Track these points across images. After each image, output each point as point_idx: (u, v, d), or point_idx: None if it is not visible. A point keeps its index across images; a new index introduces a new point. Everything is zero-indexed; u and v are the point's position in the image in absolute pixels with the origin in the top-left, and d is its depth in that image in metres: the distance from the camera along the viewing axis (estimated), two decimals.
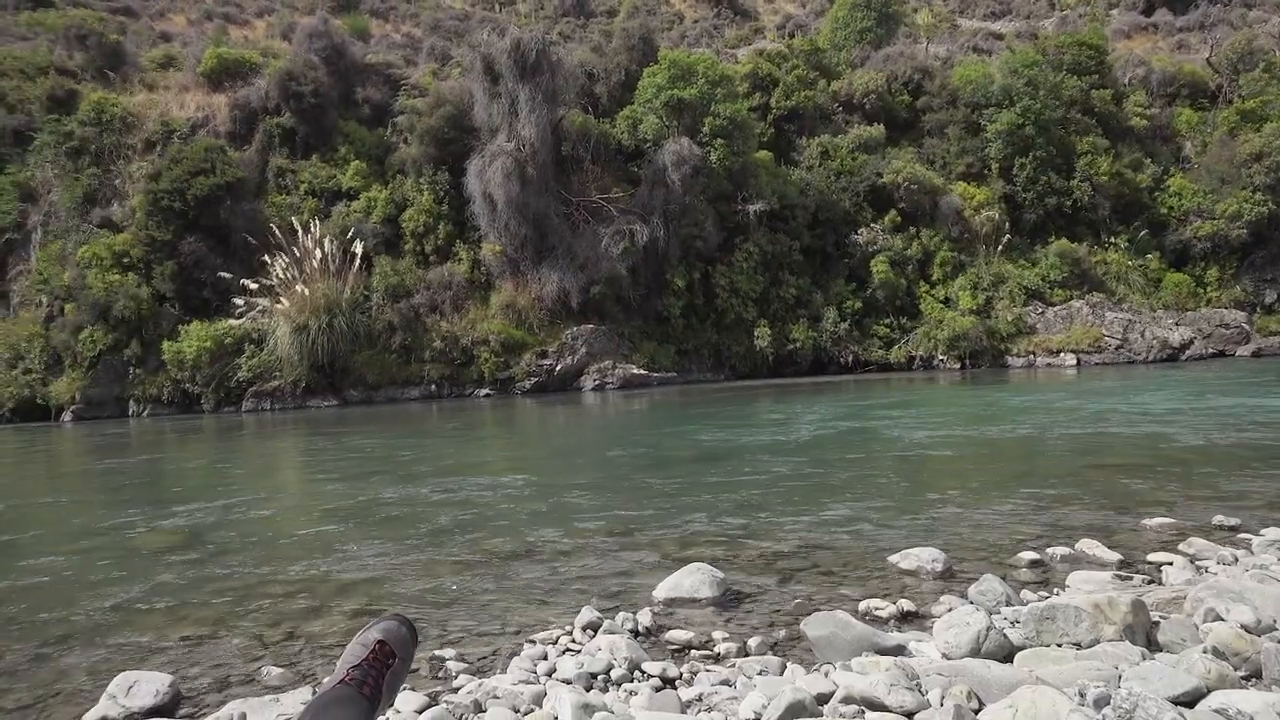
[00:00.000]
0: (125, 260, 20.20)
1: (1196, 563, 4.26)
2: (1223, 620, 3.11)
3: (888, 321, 22.87)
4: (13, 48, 25.73)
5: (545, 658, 3.39)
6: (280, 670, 3.39)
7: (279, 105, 22.43)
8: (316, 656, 3.56)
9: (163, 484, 9.43)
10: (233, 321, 19.71)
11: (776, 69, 25.86)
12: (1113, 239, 24.16)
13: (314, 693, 3.06)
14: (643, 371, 20.81)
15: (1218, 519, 5.07)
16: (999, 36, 34.06)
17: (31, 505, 8.21)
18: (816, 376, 21.71)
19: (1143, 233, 24.23)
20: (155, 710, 3.06)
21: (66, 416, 19.49)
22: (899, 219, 23.49)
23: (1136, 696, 2.32)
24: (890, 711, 2.57)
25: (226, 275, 19.80)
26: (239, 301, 19.63)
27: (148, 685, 3.15)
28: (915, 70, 26.70)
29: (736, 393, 17.82)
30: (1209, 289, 23.74)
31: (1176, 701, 2.41)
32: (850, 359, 22.57)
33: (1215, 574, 3.95)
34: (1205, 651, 2.75)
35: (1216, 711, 2.39)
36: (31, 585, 4.91)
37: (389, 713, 2.74)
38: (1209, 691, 2.51)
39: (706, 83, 22.15)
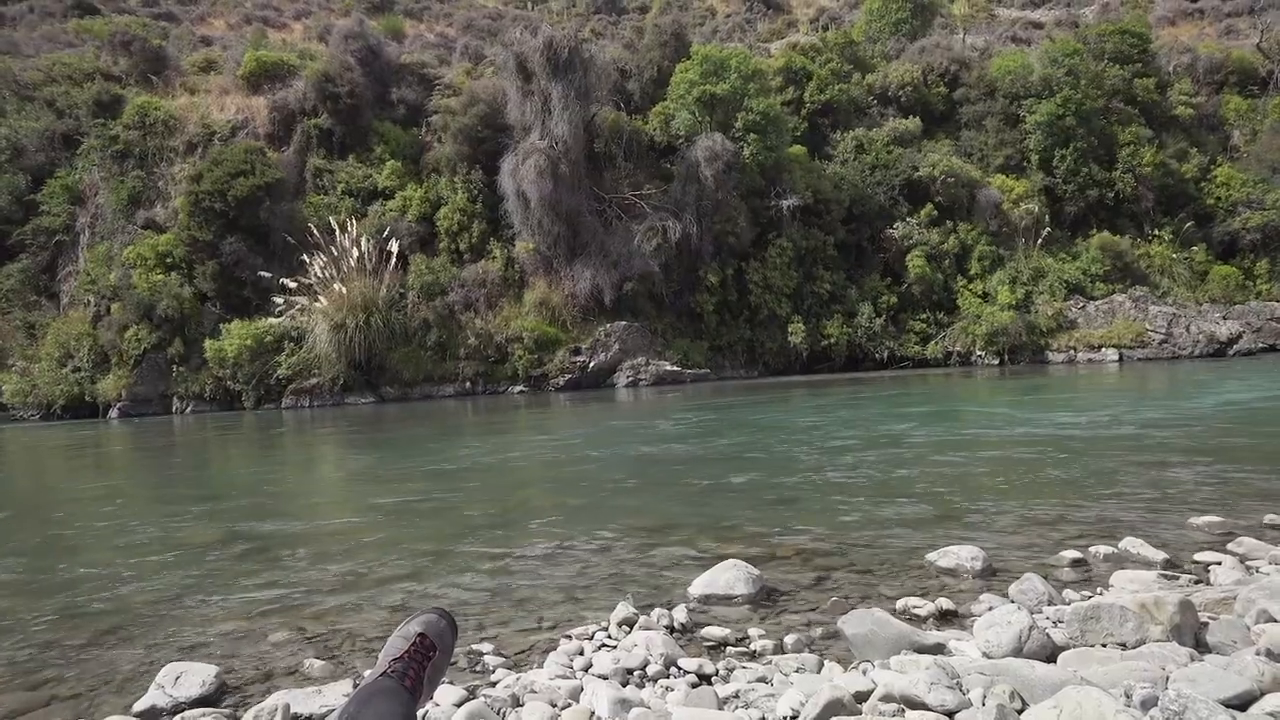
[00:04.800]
0: (168, 260, 20.64)
1: (1247, 563, 4.14)
2: (1276, 621, 3.01)
3: (924, 317, 22.57)
4: (62, 54, 26.40)
5: (581, 653, 3.40)
6: (322, 663, 3.44)
7: (316, 106, 22.75)
8: (357, 650, 3.61)
9: (205, 480, 9.63)
10: (272, 320, 20.04)
11: (810, 63, 25.63)
12: (1156, 231, 23.58)
13: (355, 685, 3.10)
14: (676, 368, 20.78)
15: (1269, 518, 4.93)
16: (1038, 25, 33.40)
17: (82, 500, 8.43)
18: (851, 373, 21.52)
19: (1188, 224, 23.62)
20: (201, 700, 3.14)
21: (113, 413, 19.99)
22: (935, 213, 23.15)
23: (1186, 698, 2.27)
24: (931, 710, 2.54)
25: (266, 274, 20.16)
26: (278, 300, 19.96)
27: (194, 676, 3.23)
28: (952, 62, 26.29)
29: (770, 389, 17.72)
30: (1259, 281, 23.07)
31: (1227, 704, 2.34)
32: (885, 355, 22.32)
33: (1267, 574, 3.84)
34: (1258, 654, 2.67)
35: (1270, 715, 2.32)
36: (83, 577, 5.05)
37: (429, 705, 2.77)
38: (1262, 695, 2.44)
39: (739, 78, 22.02)
